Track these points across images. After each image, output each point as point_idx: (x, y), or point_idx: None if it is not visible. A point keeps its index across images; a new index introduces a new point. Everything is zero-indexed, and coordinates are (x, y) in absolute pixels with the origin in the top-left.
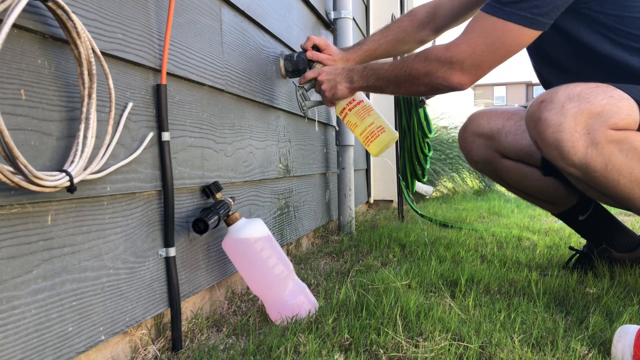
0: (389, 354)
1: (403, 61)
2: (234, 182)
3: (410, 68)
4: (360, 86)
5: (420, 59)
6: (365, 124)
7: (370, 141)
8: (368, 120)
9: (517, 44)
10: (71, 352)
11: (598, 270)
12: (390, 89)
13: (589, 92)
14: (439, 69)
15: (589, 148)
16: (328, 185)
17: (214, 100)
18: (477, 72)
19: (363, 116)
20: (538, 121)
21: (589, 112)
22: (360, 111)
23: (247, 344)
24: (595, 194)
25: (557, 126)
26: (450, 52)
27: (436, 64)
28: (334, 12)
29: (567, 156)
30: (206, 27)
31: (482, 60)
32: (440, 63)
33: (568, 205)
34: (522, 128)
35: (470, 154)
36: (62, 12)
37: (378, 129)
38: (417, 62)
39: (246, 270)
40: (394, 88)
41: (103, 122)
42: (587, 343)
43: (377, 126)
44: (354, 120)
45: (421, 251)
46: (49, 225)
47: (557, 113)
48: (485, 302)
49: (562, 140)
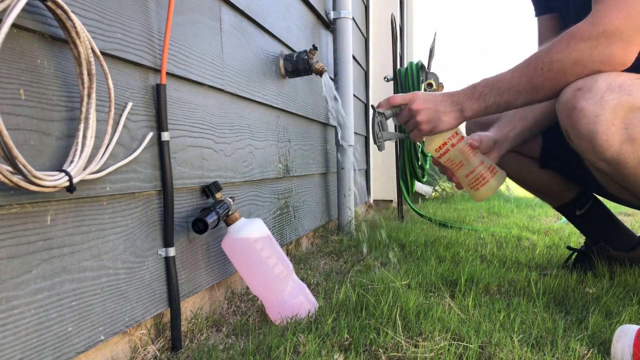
0: (388, 354)
1: (533, 60)
2: (234, 182)
3: (549, 63)
4: (476, 112)
5: (560, 45)
6: (474, 164)
7: (480, 185)
8: (476, 160)
9: None
10: (71, 352)
11: (598, 270)
12: (523, 98)
13: (631, 84)
14: (593, 51)
15: (624, 144)
16: (328, 185)
17: (213, 99)
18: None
19: (469, 155)
20: (573, 110)
21: (629, 105)
22: (466, 148)
23: (246, 344)
24: (617, 189)
25: (593, 117)
26: (601, 25)
27: (586, 46)
28: (333, 12)
29: (600, 150)
30: (206, 27)
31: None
32: (592, 41)
33: (565, 199)
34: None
35: None
36: (62, 11)
37: (489, 170)
38: (557, 52)
39: (246, 270)
40: (530, 96)
41: (102, 122)
42: (587, 343)
43: (488, 166)
44: (458, 159)
45: (421, 251)
46: (48, 225)
47: (595, 103)
48: (484, 302)
49: (597, 132)
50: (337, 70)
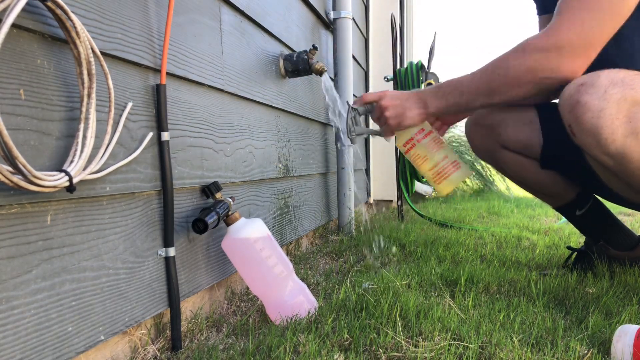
0: (388, 354)
1: (492, 65)
2: (234, 182)
3: (505, 69)
4: (438, 109)
5: (516, 54)
6: (438, 159)
7: (442, 179)
8: (440, 154)
9: (623, 8)
10: (71, 352)
11: (598, 270)
12: (481, 100)
13: (632, 79)
14: (544, 61)
15: (628, 137)
16: (328, 185)
17: (213, 99)
18: (590, 53)
19: (434, 149)
20: (576, 105)
21: (632, 99)
22: (431, 143)
23: (246, 344)
24: (620, 186)
25: (597, 111)
26: (554, 37)
27: (539, 55)
28: (333, 12)
29: (604, 144)
30: (206, 27)
31: (593, 36)
32: (544, 53)
33: (565, 200)
34: (522, 121)
35: (474, 142)
36: (62, 11)
37: (453, 165)
38: (513, 58)
39: (246, 270)
40: (487, 99)
41: (102, 122)
42: (587, 343)
43: (452, 161)
44: (423, 154)
45: (421, 251)
46: (48, 225)
47: (599, 98)
48: (484, 302)
49: (601, 126)
50: (337, 70)
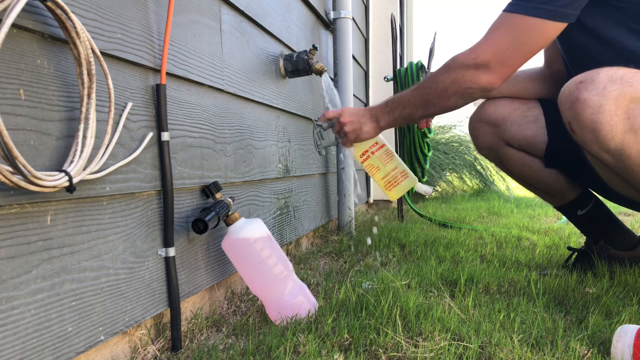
0: (388, 354)
1: (426, 80)
2: (234, 182)
3: (435, 83)
4: (388, 123)
5: (444, 70)
6: (388, 169)
7: (392, 186)
8: (390, 165)
9: (542, 38)
10: (70, 352)
11: (598, 270)
12: (420, 112)
13: (631, 76)
14: (465, 74)
15: (627, 134)
16: (328, 185)
17: (213, 100)
18: (505, 70)
19: (385, 161)
20: (576, 101)
21: (631, 96)
22: (383, 155)
23: (246, 344)
24: (620, 184)
25: (596, 107)
26: (474, 54)
27: (461, 70)
28: (333, 12)
29: (604, 140)
30: (206, 27)
31: (508, 57)
32: (465, 68)
33: (567, 199)
34: (527, 119)
35: (477, 140)
36: (61, 11)
37: (401, 175)
38: (441, 74)
39: (246, 270)
40: (424, 110)
41: (102, 122)
42: (587, 343)
43: (401, 171)
44: (376, 164)
45: (421, 251)
46: (48, 225)
47: (598, 94)
48: (484, 302)
49: (601, 122)
50: (337, 70)
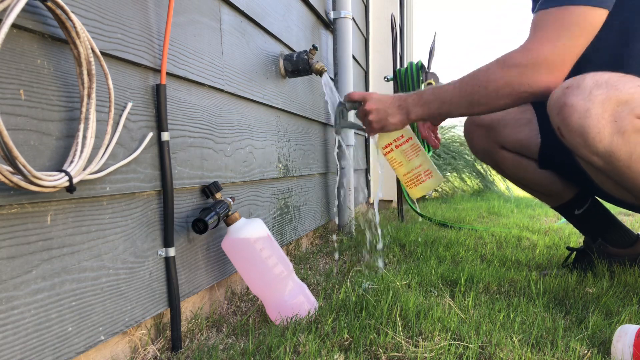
0: (388, 354)
1: (473, 77)
2: (234, 182)
3: (485, 82)
4: (419, 116)
5: (496, 68)
6: (413, 165)
7: (414, 184)
8: (416, 162)
9: (593, 29)
10: (71, 353)
11: (597, 269)
12: (461, 111)
13: (617, 80)
14: (522, 76)
15: (614, 136)
16: (328, 185)
17: (213, 99)
18: (563, 69)
19: (410, 156)
20: (563, 107)
21: (617, 99)
22: (409, 150)
23: (246, 344)
24: (612, 187)
25: (583, 112)
26: (531, 53)
27: (517, 71)
28: (333, 12)
29: (592, 143)
30: (206, 27)
31: (565, 53)
32: (522, 68)
33: (564, 199)
34: (520, 121)
35: (472, 143)
36: (62, 11)
37: (426, 173)
38: (492, 73)
39: (246, 270)
40: (468, 109)
41: (102, 122)
42: (587, 343)
43: (425, 169)
44: (399, 159)
45: (421, 251)
46: (48, 226)
47: (585, 99)
48: (484, 302)
49: (588, 126)
50: (337, 70)
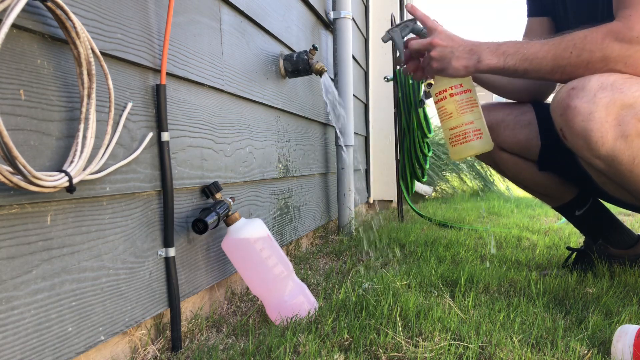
0: (388, 354)
1: (565, 42)
2: (234, 182)
3: (580, 49)
4: (491, 67)
5: (596, 39)
6: (463, 120)
7: (458, 142)
8: (467, 117)
9: None
10: (71, 353)
11: (598, 270)
12: (541, 74)
13: (622, 82)
14: (624, 52)
15: (618, 140)
16: (328, 185)
17: (213, 100)
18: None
19: (464, 109)
20: (567, 108)
21: (621, 102)
22: (464, 102)
23: (246, 344)
24: (613, 189)
25: (587, 115)
26: (635, 30)
27: (619, 46)
28: (333, 12)
29: (595, 147)
30: (206, 27)
31: None
32: (624, 45)
33: (565, 200)
34: (520, 123)
35: None
36: (62, 12)
37: (475, 133)
38: (590, 42)
39: (246, 270)
40: (549, 74)
41: (102, 122)
42: (587, 343)
43: (476, 128)
44: (450, 110)
45: (421, 251)
46: (48, 226)
47: (589, 101)
48: (484, 302)
49: (591, 129)
50: (337, 71)
